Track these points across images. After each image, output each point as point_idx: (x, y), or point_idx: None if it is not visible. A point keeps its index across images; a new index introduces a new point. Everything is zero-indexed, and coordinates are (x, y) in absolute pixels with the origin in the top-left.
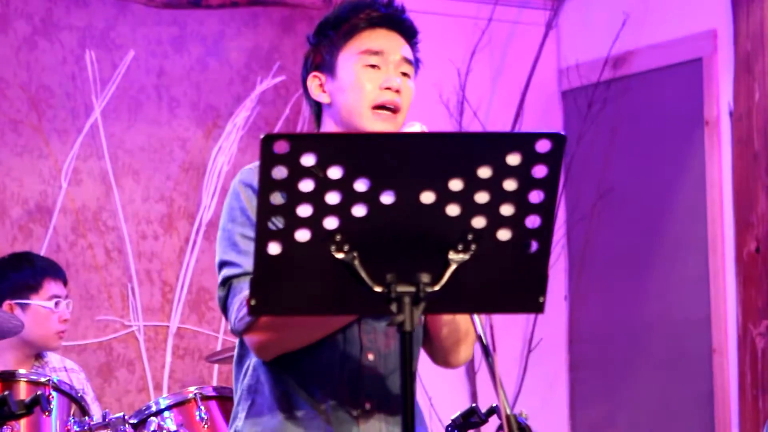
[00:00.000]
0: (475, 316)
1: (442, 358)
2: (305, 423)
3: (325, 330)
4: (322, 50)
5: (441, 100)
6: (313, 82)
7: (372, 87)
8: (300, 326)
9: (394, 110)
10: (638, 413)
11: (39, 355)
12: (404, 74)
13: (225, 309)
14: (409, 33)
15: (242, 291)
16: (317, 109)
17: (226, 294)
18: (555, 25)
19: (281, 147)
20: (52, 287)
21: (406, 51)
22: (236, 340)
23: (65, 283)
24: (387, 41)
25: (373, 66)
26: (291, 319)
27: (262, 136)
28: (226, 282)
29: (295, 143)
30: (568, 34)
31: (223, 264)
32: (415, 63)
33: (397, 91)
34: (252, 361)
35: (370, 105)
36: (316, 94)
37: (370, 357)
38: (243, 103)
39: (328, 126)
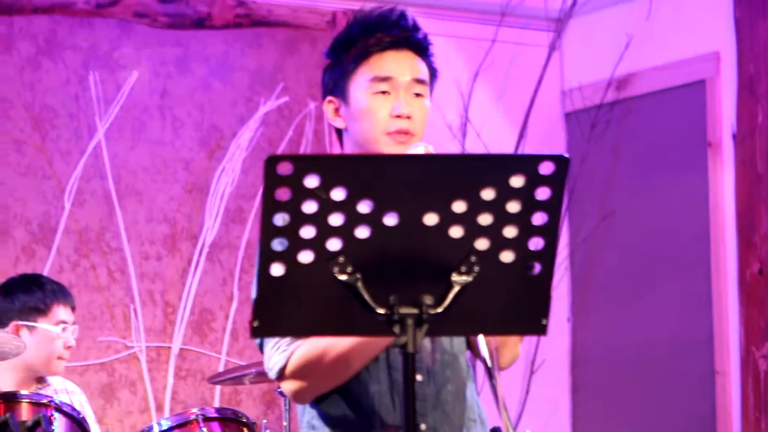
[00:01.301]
0: (481, 338)
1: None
2: None
3: (353, 369)
4: (335, 73)
5: (444, 122)
6: (329, 107)
7: (383, 114)
8: (328, 369)
9: (408, 134)
10: None
11: (41, 378)
12: (417, 94)
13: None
14: (421, 48)
15: (271, 339)
16: (338, 132)
17: (261, 342)
18: (558, 47)
19: (285, 168)
20: (60, 312)
21: (417, 70)
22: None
23: (73, 309)
24: (396, 65)
25: (383, 92)
26: (318, 364)
27: (266, 158)
28: None
29: (298, 164)
30: (571, 56)
31: None
32: (433, 73)
33: (408, 117)
34: None
35: (383, 132)
36: (332, 119)
37: (418, 378)
38: (246, 124)
39: (348, 150)
